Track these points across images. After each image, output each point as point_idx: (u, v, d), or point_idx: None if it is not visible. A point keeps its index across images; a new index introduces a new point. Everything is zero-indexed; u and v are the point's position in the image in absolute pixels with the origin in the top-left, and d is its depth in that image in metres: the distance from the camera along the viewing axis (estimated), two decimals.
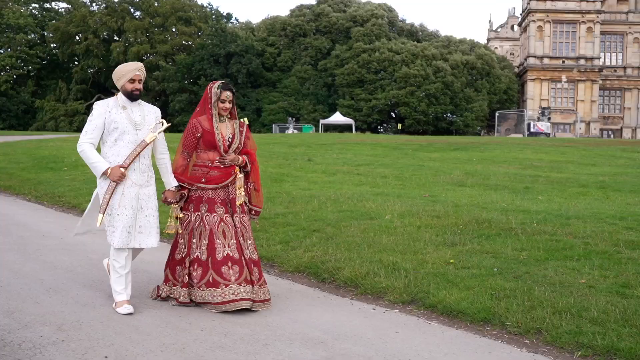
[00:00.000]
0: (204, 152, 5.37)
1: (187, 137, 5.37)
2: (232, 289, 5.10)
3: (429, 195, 12.13)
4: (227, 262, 5.17)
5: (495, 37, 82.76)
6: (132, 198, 5.09)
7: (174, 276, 5.36)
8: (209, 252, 5.20)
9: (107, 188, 5.02)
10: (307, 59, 65.86)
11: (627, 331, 4.61)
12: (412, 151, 24.95)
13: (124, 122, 5.09)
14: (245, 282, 5.16)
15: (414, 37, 70.13)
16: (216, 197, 5.32)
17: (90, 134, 5.08)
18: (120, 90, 5.19)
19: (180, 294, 5.26)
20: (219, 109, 5.36)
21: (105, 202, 5.01)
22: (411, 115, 61.42)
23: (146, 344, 4.39)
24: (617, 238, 7.67)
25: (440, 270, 6.30)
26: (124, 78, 5.13)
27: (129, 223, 5.06)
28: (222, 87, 5.39)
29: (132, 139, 5.10)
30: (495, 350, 4.53)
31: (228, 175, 5.33)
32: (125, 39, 68.95)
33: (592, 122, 66.31)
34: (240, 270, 5.17)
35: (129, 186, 5.08)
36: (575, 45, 67.45)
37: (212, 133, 5.31)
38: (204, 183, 5.30)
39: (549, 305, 5.16)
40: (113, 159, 5.08)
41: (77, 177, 15.70)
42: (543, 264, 6.55)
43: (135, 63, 5.26)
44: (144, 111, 5.24)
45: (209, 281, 5.15)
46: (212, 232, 5.23)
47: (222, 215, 5.28)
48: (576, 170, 19.27)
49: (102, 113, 5.09)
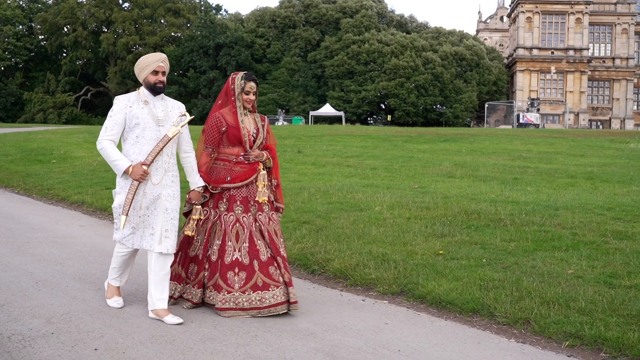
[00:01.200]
0: (228, 148, 5.09)
1: (211, 132, 5.07)
2: (234, 297, 4.83)
3: (419, 187, 12.15)
4: (234, 268, 4.89)
5: (485, 28, 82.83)
6: (155, 198, 4.79)
7: (186, 274, 5.11)
8: (220, 253, 4.96)
9: (130, 187, 4.71)
10: (296, 50, 65.72)
11: (615, 321, 4.65)
12: (402, 142, 24.97)
13: (146, 117, 4.78)
14: (252, 289, 4.85)
15: (404, 29, 70.10)
16: (237, 194, 5.04)
17: (110, 131, 4.77)
18: (142, 83, 4.89)
19: (196, 295, 5.03)
20: (243, 101, 5.08)
21: (128, 203, 4.71)
22: (401, 106, 61.45)
23: (136, 336, 4.39)
24: (605, 228, 7.72)
25: (429, 262, 6.32)
26: (147, 70, 4.82)
27: (151, 224, 4.78)
28: (246, 77, 5.08)
29: (154, 136, 4.78)
30: (484, 340, 4.56)
31: (253, 172, 5.06)
32: (113, 30, 68.56)
33: (581, 113, 66.56)
34: (248, 277, 4.86)
35: (152, 186, 4.77)
36: (564, 37, 67.61)
37: (238, 127, 5.03)
38: (229, 182, 5.03)
39: (537, 296, 5.19)
40: (135, 157, 4.76)
41: (66, 169, 15.65)
42: (531, 254, 6.59)
43: (158, 54, 4.91)
44: (167, 106, 4.92)
45: (216, 284, 4.93)
46: (226, 233, 4.97)
47: (239, 215, 5.00)
48: (565, 161, 19.35)
49: (122, 108, 4.79)
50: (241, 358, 4.06)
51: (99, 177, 13.86)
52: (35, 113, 66.98)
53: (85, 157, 19.00)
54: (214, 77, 63.18)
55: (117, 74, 67.14)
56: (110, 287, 5.08)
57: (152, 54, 4.94)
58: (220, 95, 5.21)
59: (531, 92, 66.36)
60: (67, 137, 27.28)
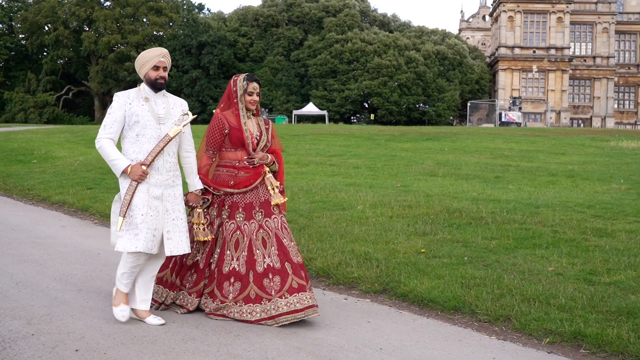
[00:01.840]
0: (230, 151, 4.93)
1: (213, 134, 4.91)
2: (227, 307, 4.72)
3: (401, 186, 12.19)
4: (230, 278, 4.76)
5: (467, 27, 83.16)
6: (155, 199, 4.57)
7: (181, 281, 4.92)
8: (218, 262, 4.83)
9: (128, 188, 4.51)
10: (279, 49, 65.60)
11: (594, 317, 4.69)
12: (385, 141, 25.04)
13: (146, 115, 4.59)
14: (244, 301, 4.70)
15: (387, 28, 70.20)
16: (241, 201, 4.88)
17: (109, 129, 4.58)
18: (142, 79, 4.71)
19: (192, 303, 4.87)
20: (246, 102, 4.94)
21: (125, 204, 4.50)
22: (384, 105, 61.53)
23: (117, 337, 4.38)
24: (585, 226, 7.79)
25: (411, 260, 6.35)
26: (147, 65, 4.63)
27: (154, 226, 4.54)
28: (249, 78, 4.95)
29: (155, 134, 4.60)
30: (466, 338, 4.59)
31: (257, 176, 4.89)
32: (95, 29, 68.09)
33: (563, 111, 66.99)
34: (242, 289, 4.72)
35: (152, 186, 4.57)
36: (545, 35, 68.00)
37: (240, 130, 4.87)
38: (232, 187, 4.87)
39: (518, 293, 5.23)
40: (135, 156, 4.58)
41: (47, 169, 15.55)
42: (512, 252, 6.64)
43: (159, 49, 4.71)
44: (168, 103, 4.72)
45: (212, 291, 4.82)
46: (225, 241, 4.84)
47: (240, 223, 4.83)
48: (546, 159, 19.49)
49: (122, 105, 4.60)
50: (223, 358, 4.05)
51: (80, 177, 13.78)
52: (15, 113, 66.37)
53: (66, 157, 18.89)
54: (197, 76, 62.95)
55: (99, 73, 66.71)
56: (118, 294, 4.70)
57: (152, 48, 4.75)
58: (222, 99, 5.04)
59: (513, 91, 66.65)
60: (48, 136, 27.09)
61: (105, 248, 7.39)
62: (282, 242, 4.81)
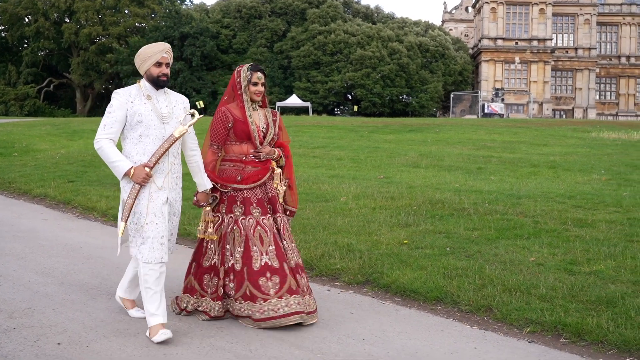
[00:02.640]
0: (236, 145, 4.70)
1: (217, 128, 4.68)
2: (272, 304, 4.41)
3: (384, 177, 12.22)
4: (266, 273, 4.49)
5: (450, 18, 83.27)
6: (162, 203, 4.31)
7: (201, 286, 4.66)
8: (245, 261, 4.52)
9: (130, 192, 4.23)
10: (262, 41, 65.38)
11: (574, 307, 4.74)
12: (368, 133, 25.08)
13: (149, 114, 4.31)
14: (289, 293, 4.47)
15: (370, 19, 70.15)
16: (252, 196, 4.64)
17: (109, 129, 4.27)
18: (143, 76, 4.42)
19: (213, 308, 4.60)
20: (250, 93, 4.69)
21: (128, 209, 4.23)
22: (367, 97, 61.56)
23: (100, 330, 4.37)
24: (566, 216, 7.87)
25: (394, 251, 6.38)
26: (149, 61, 4.34)
27: (161, 233, 4.27)
28: (252, 68, 4.71)
29: (158, 135, 4.32)
30: (448, 328, 4.62)
31: (265, 171, 4.68)
32: (76, 20, 67.46)
33: (545, 102, 67.37)
34: (282, 281, 4.48)
35: (156, 189, 4.30)
36: (528, 27, 68.27)
37: (246, 122, 4.64)
38: (240, 182, 4.63)
39: (499, 283, 5.28)
40: (138, 157, 4.28)
41: (28, 162, 15.43)
42: (494, 243, 6.69)
43: (162, 44, 4.44)
44: (171, 101, 4.45)
45: (246, 294, 4.48)
46: (248, 238, 4.55)
47: (258, 218, 4.61)
48: (528, 150, 19.62)
49: (123, 104, 4.29)
50: (206, 350, 4.06)
51: (62, 170, 13.69)
52: None
53: (48, 149, 18.75)
54: (180, 68, 62.59)
55: (80, 65, 66.14)
56: (154, 327, 4.28)
57: (154, 43, 4.46)
58: (226, 91, 4.83)
59: (496, 82, 66.92)
60: (29, 129, 26.86)
61: (87, 241, 7.36)
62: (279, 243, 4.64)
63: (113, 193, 10.51)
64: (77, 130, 25.74)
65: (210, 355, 3.97)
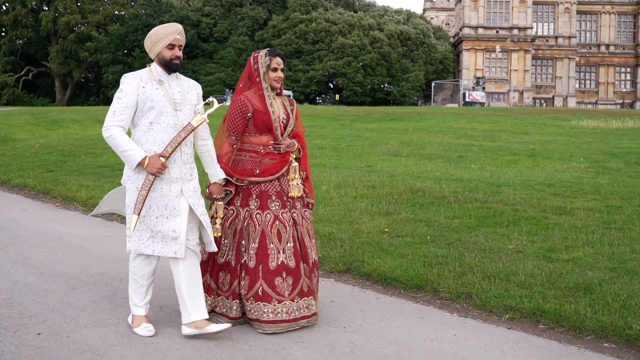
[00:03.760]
0: (254, 136, 4.38)
1: (235, 118, 4.34)
2: (286, 306, 4.19)
3: (365, 166, 12.25)
4: (282, 273, 4.23)
5: (431, 7, 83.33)
6: (175, 197, 4.05)
7: (217, 284, 4.36)
8: (259, 258, 4.23)
9: (144, 183, 3.95)
10: (243, 29, 65.10)
11: (552, 293, 4.80)
12: (350, 122, 25.09)
13: (162, 100, 4.03)
14: (300, 295, 4.24)
15: (351, 7, 70.05)
16: (270, 189, 4.32)
17: (119, 115, 3.98)
18: (154, 59, 4.13)
19: (231, 308, 4.30)
20: (270, 80, 4.37)
21: (141, 201, 3.94)
22: (348, 86, 61.58)
23: (80, 320, 4.35)
24: (545, 204, 7.94)
25: (375, 240, 6.41)
26: (161, 43, 4.05)
27: (172, 227, 4.01)
28: (271, 53, 4.37)
29: (171, 122, 4.04)
30: (428, 315, 4.66)
31: (284, 163, 4.37)
32: (54, 8, 66.72)
33: (525, 91, 67.76)
34: (295, 283, 4.24)
35: (169, 181, 4.04)
36: (508, 16, 68.53)
37: (267, 113, 4.32)
38: (258, 176, 4.31)
39: (479, 271, 5.32)
40: (148, 146, 4.01)
41: (6, 152, 15.30)
42: (474, 230, 6.74)
43: (174, 25, 4.11)
44: (183, 87, 4.18)
45: (258, 294, 4.20)
46: (264, 233, 4.25)
47: (277, 212, 4.30)
48: (508, 138, 19.74)
49: (134, 89, 4.01)
50: (187, 339, 4.05)
51: (41, 160, 13.59)
52: None
53: (27, 139, 18.59)
54: None
55: (59, 54, 65.48)
56: (136, 318, 4.21)
57: (166, 24, 4.16)
58: (241, 78, 4.49)
59: (477, 71, 67.22)
60: (7, 119, 26.57)
61: (67, 231, 7.32)
62: (303, 239, 4.37)
63: (93, 183, 10.46)
64: (57, 120, 25.51)
65: (191, 345, 3.97)
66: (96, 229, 7.52)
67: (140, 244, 4.05)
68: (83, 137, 19.20)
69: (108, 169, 12.14)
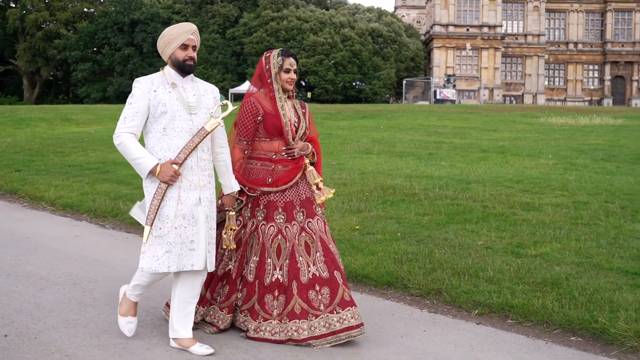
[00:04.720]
0: (265, 141, 4.18)
1: (245, 122, 4.15)
2: (271, 326, 4.01)
3: (336, 164, 12.27)
4: (274, 290, 4.04)
5: (402, 5, 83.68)
6: (193, 205, 3.83)
7: (212, 295, 4.20)
8: (257, 272, 4.09)
9: (157, 191, 3.76)
10: (214, 27, 64.77)
11: (521, 288, 4.86)
12: (321, 120, 25.09)
13: (175, 104, 3.82)
14: (289, 317, 3.98)
15: (322, 5, 70.08)
16: (279, 200, 4.13)
17: (130, 122, 3.80)
18: (167, 61, 3.93)
19: (221, 320, 4.14)
20: (282, 82, 4.19)
21: (153, 211, 3.75)
22: (320, 84, 61.60)
23: (48, 321, 4.31)
24: (514, 200, 8.03)
25: (346, 237, 6.43)
26: (174, 43, 3.86)
27: (190, 239, 3.79)
28: (284, 53, 4.22)
29: (185, 127, 3.83)
30: (398, 312, 4.69)
31: (298, 170, 4.16)
32: (22, 5, 65.77)
33: (495, 88, 68.35)
34: (286, 303, 4.01)
35: (186, 189, 3.82)
36: (479, 14, 69.07)
37: (278, 116, 4.13)
38: (270, 185, 4.13)
39: (448, 267, 5.37)
40: (162, 153, 3.80)
41: None
42: (444, 227, 6.80)
43: (187, 24, 3.92)
44: (199, 90, 3.98)
45: (252, 308, 4.08)
46: (264, 248, 4.09)
47: (281, 226, 4.10)
48: (478, 136, 19.90)
49: (145, 93, 3.82)
50: (157, 339, 4.04)
51: (8, 159, 13.40)
52: None
53: None
54: (130, 54, 61.67)
55: (27, 52, 64.55)
56: (127, 302, 4.05)
57: (179, 24, 3.96)
58: (253, 80, 4.31)
59: (448, 69, 67.67)
60: None
61: (35, 231, 7.24)
62: (328, 247, 4.13)
63: (62, 182, 10.35)
64: (24, 119, 25.16)
65: (160, 345, 3.95)
66: (65, 229, 7.45)
67: (154, 262, 3.78)
68: (51, 136, 18.97)
69: (77, 168, 12.02)
